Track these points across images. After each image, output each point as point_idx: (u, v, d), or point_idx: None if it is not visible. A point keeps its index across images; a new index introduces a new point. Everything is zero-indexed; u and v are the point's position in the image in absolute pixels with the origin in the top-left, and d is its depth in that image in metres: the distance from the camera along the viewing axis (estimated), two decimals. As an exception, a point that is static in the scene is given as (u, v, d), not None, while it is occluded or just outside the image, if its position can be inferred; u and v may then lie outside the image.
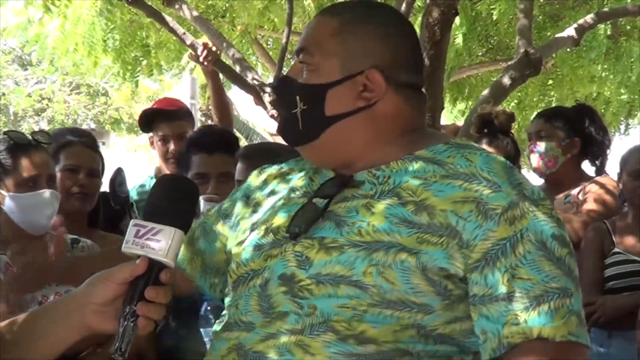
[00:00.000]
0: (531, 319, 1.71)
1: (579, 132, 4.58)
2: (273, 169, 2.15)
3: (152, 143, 5.20)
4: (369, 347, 1.77)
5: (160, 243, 1.71)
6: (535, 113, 9.70)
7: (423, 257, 1.76)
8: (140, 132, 5.35)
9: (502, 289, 1.74)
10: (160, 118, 5.05)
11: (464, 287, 1.78)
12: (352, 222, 1.83)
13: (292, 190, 2.02)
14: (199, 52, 5.40)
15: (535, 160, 4.54)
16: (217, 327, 1.99)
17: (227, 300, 1.99)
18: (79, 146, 4.01)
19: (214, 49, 5.56)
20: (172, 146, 4.99)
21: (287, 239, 1.89)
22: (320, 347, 1.77)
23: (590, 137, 4.63)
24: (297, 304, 1.81)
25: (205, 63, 5.41)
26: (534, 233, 1.77)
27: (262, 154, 3.45)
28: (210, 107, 5.62)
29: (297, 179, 2.05)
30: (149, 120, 5.10)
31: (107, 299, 1.74)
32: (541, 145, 4.52)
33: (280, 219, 1.95)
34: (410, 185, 1.84)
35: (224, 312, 1.98)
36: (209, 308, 3.54)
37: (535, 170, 4.60)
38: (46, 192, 3.33)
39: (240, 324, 1.89)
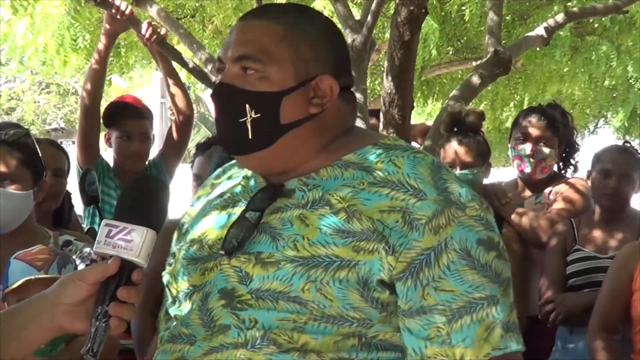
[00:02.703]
0: (454, 334, 1.72)
1: (564, 138, 4.63)
2: (202, 189, 2.13)
3: (107, 140, 5.10)
4: (311, 358, 1.76)
5: (131, 243, 1.71)
6: (514, 109, 9.79)
7: (362, 269, 1.75)
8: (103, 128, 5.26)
9: (424, 302, 1.73)
10: (127, 114, 4.98)
11: (395, 298, 1.77)
12: (287, 236, 1.81)
13: (223, 198, 2.00)
14: (143, 32, 5.19)
15: (530, 164, 4.54)
16: (163, 333, 1.97)
17: (171, 310, 1.97)
18: (45, 146, 4.01)
19: (159, 29, 5.35)
20: (135, 145, 4.92)
21: (220, 253, 1.87)
22: None
23: (571, 143, 4.68)
24: (237, 317, 1.80)
25: (149, 44, 5.25)
26: (458, 241, 1.75)
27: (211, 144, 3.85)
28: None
29: (228, 187, 2.03)
30: (116, 115, 5.02)
31: (79, 299, 1.74)
32: (542, 153, 4.53)
33: (214, 232, 1.93)
34: (339, 193, 1.82)
35: (172, 321, 1.97)
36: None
37: (525, 173, 4.58)
38: None
39: (183, 336, 1.88)
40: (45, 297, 1.80)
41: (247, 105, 1.87)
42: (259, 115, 1.87)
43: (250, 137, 1.88)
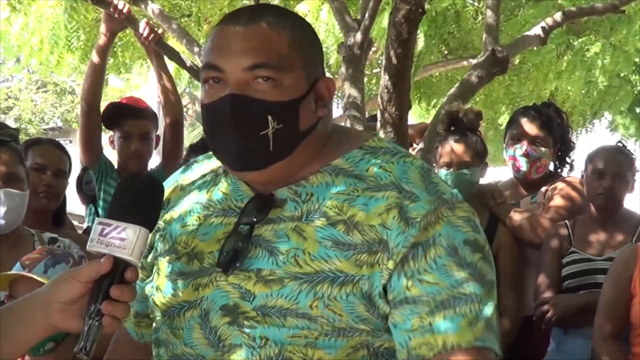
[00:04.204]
0: (436, 324, 1.70)
1: (559, 137, 4.62)
2: (171, 191, 2.05)
3: (111, 142, 5.12)
4: None
5: (124, 241, 1.70)
6: (507, 108, 9.78)
7: (365, 284, 1.74)
8: (106, 130, 5.28)
9: (408, 293, 1.72)
10: (126, 114, 4.99)
11: None
12: (286, 250, 1.77)
13: (206, 208, 1.93)
14: (140, 31, 5.22)
15: (525, 164, 4.52)
16: (158, 349, 1.93)
17: (160, 323, 1.93)
18: (47, 145, 4.03)
19: (156, 28, 5.37)
20: (134, 145, 4.92)
21: (215, 268, 1.83)
22: None
23: (566, 141, 4.68)
24: (247, 335, 1.77)
25: (146, 43, 5.26)
26: (446, 238, 1.74)
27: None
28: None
29: (207, 194, 1.96)
30: (115, 116, 5.03)
31: (72, 298, 1.73)
32: (537, 152, 4.51)
33: (201, 244, 1.88)
34: (335, 203, 1.79)
35: (162, 336, 1.92)
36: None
37: (520, 172, 4.57)
38: None
39: (187, 356, 1.85)
40: (39, 295, 1.80)
41: (269, 117, 1.78)
42: (280, 125, 1.79)
43: (271, 149, 1.79)
